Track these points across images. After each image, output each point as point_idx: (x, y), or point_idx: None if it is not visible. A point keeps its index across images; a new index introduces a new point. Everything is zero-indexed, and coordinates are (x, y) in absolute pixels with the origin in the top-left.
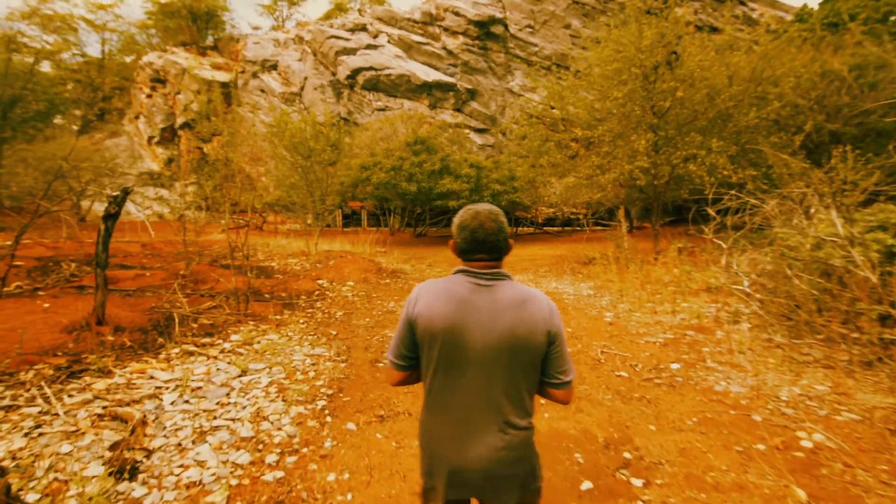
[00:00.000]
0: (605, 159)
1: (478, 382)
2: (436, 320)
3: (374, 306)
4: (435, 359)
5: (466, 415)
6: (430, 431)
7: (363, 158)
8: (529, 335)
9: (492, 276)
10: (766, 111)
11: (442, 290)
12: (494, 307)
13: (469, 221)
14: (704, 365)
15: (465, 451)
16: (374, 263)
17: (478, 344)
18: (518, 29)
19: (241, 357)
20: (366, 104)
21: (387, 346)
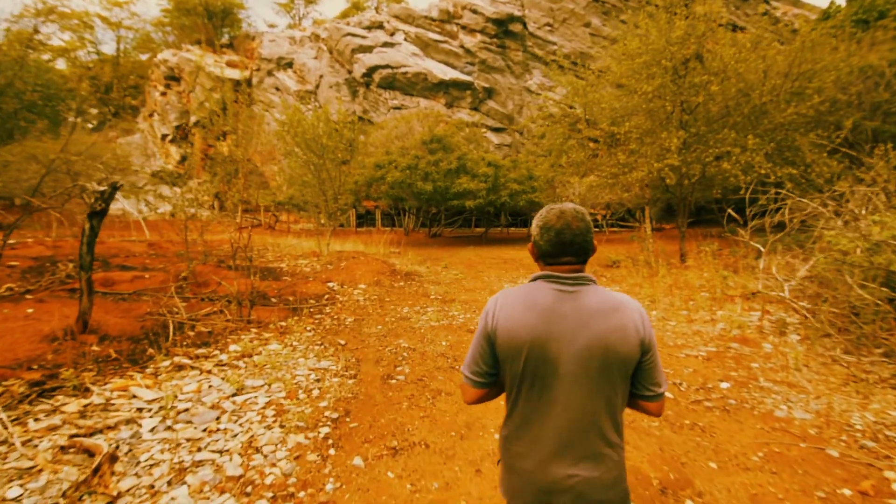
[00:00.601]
0: (631, 157)
1: (568, 397)
2: (518, 332)
3: (387, 312)
4: (519, 373)
5: (556, 432)
6: (515, 450)
7: (378, 157)
8: (621, 345)
9: (576, 280)
10: (805, 106)
11: (522, 298)
12: (581, 315)
13: (554, 221)
14: (757, 384)
15: (556, 471)
16: (388, 265)
17: (566, 356)
18: (537, 27)
19: (238, 372)
20: (381, 103)
21: (400, 357)
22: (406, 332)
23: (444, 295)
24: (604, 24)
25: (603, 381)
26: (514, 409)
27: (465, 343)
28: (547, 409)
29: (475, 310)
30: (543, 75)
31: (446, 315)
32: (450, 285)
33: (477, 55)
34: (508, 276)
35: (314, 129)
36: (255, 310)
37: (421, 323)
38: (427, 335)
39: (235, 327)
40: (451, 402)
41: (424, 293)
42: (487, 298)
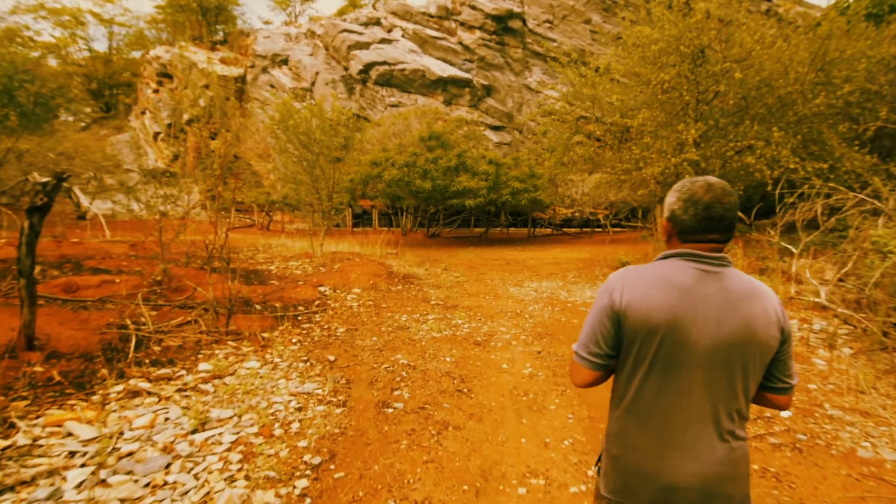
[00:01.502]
0: (646, 151)
1: (702, 385)
2: (656, 312)
3: (384, 320)
4: (649, 357)
5: (685, 423)
6: (631, 441)
7: (374, 154)
8: (765, 332)
9: (721, 261)
10: (834, 96)
11: (657, 276)
12: (726, 297)
13: (702, 194)
14: (823, 412)
15: (681, 466)
16: (385, 267)
17: (705, 341)
18: (536, 24)
19: (204, 399)
20: (378, 100)
21: (398, 378)
22: (405, 344)
23: (445, 300)
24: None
25: (741, 370)
26: (637, 397)
27: (472, 358)
28: (676, 397)
29: (480, 317)
30: (544, 72)
31: (449, 324)
32: (451, 289)
33: (476, 52)
34: (513, 279)
35: (307, 123)
36: (235, 318)
37: (421, 334)
38: (428, 349)
39: (210, 340)
40: (461, 440)
41: (424, 298)
42: (493, 304)
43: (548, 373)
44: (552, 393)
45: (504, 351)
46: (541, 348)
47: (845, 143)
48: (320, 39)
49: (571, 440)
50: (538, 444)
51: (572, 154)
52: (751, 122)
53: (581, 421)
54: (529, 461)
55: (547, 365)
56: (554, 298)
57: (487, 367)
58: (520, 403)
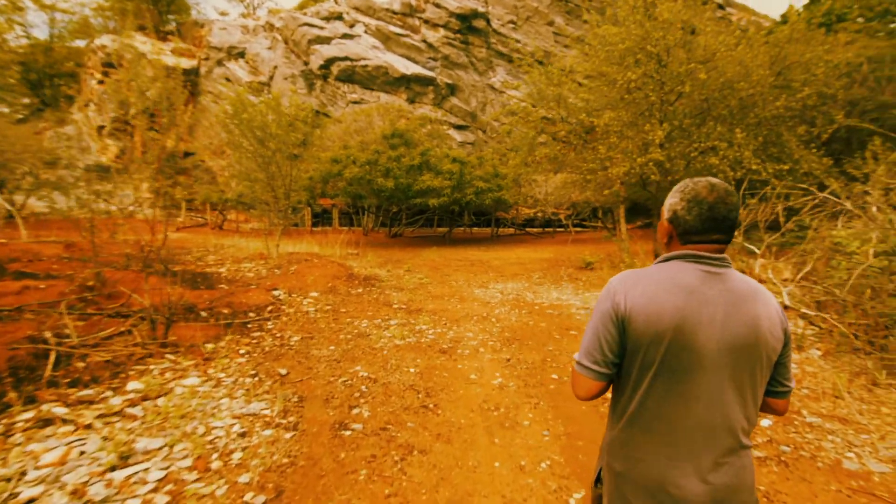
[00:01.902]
0: (612, 151)
1: (711, 392)
2: (662, 316)
3: (342, 327)
4: (655, 363)
5: (693, 431)
6: (636, 454)
7: (335, 151)
8: (771, 333)
9: (723, 261)
10: (796, 98)
11: (662, 278)
12: (730, 299)
13: (706, 195)
14: (802, 419)
15: (690, 477)
16: (345, 268)
17: (712, 344)
18: (500, 24)
19: (131, 425)
20: (340, 96)
21: (357, 393)
22: (365, 354)
23: (408, 303)
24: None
25: (749, 374)
26: (641, 406)
27: (438, 368)
28: (683, 405)
29: (445, 322)
30: (508, 73)
31: (413, 330)
32: (414, 291)
33: (440, 50)
34: (478, 280)
35: (262, 118)
36: (176, 328)
37: (383, 341)
38: (391, 358)
39: (145, 353)
40: (428, 467)
41: (386, 301)
42: (458, 307)
43: (519, 383)
44: (524, 406)
45: (472, 359)
46: (510, 355)
47: (802, 145)
48: (279, 33)
49: (549, 461)
50: (513, 467)
51: (537, 154)
52: (714, 123)
53: (557, 438)
54: (505, 490)
55: (517, 374)
56: (520, 300)
57: (454, 378)
58: (491, 420)
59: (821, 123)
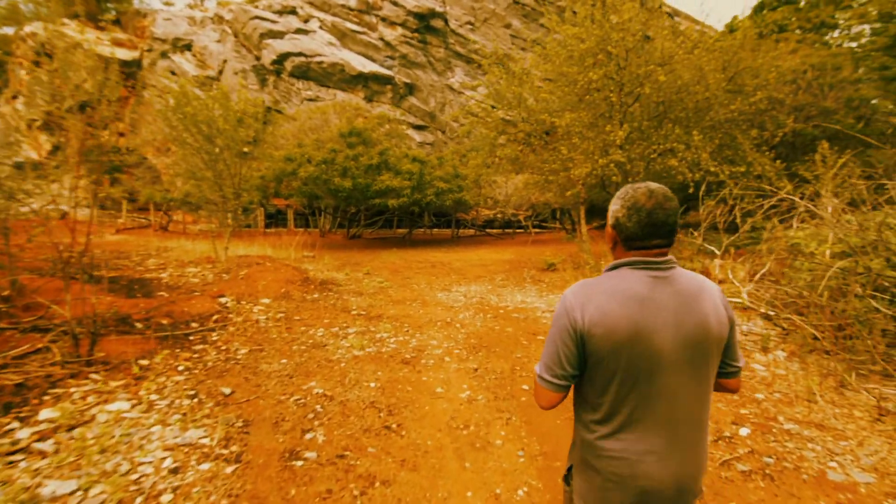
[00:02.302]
0: (573, 152)
1: (672, 390)
2: (619, 328)
3: (296, 336)
4: (619, 371)
5: (661, 429)
6: (609, 455)
7: (289, 150)
8: (718, 325)
9: (668, 264)
10: (750, 101)
11: (613, 290)
12: (680, 300)
13: (644, 201)
14: (780, 426)
15: (658, 469)
16: (300, 272)
17: (668, 346)
18: (458, 25)
19: (39, 464)
20: (294, 93)
21: (311, 414)
22: (320, 367)
23: (367, 309)
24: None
25: (703, 367)
26: (611, 410)
27: (401, 382)
28: (649, 405)
29: (408, 329)
30: (466, 73)
31: (373, 339)
32: (374, 296)
33: (398, 49)
34: (441, 283)
35: (208, 112)
36: (105, 343)
37: (340, 352)
38: (349, 371)
39: (66, 374)
40: (392, 501)
41: (344, 307)
42: (421, 312)
43: (488, 395)
44: (496, 422)
45: (437, 370)
46: (477, 364)
47: (755, 148)
48: (229, 25)
49: (526, 488)
50: (488, 496)
51: (498, 154)
52: (672, 125)
53: (533, 459)
54: None
55: (486, 386)
56: (484, 304)
57: (419, 392)
58: (460, 440)
59: (771, 127)
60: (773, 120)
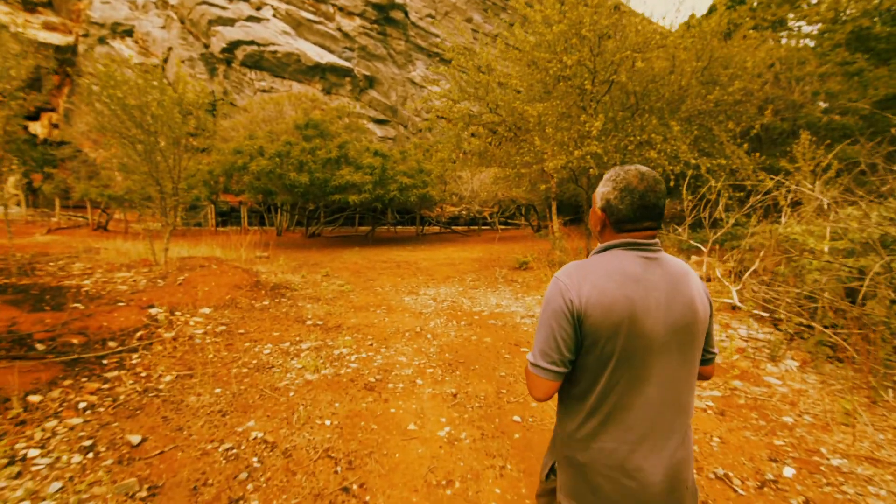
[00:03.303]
0: (547, 143)
1: (661, 374)
2: (617, 308)
3: (237, 356)
4: (613, 354)
5: (651, 414)
6: (599, 446)
7: (239, 142)
8: (703, 309)
9: (657, 246)
10: (728, 91)
11: (609, 269)
12: (670, 282)
13: (636, 183)
14: (828, 463)
15: (649, 458)
16: (250, 275)
17: (660, 327)
18: (419, 17)
19: None
20: (246, 83)
21: (245, 472)
22: (263, 399)
23: (325, 318)
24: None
25: (690, 350)
26: (603, 397)
27: (364, 415)
28: (638, 390)
29: (371, 342)
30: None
31: (330, 356)
32: (333, 302)
33: (356, 40)
34: (407, 285)
35: (141, 93)
36: None
37: (290, 376)
38: (299, 404)
39: None
40: None
41: (298, 316)
42: (386, 321)
43: (473, 432)
44: (486, 474)
45: (408, 397)
46: (456, 387)
47: (731, 140)
48: (174, 11)
49: None
50: None
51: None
52: (648, 115)
53: None
54: None
55: (469, 418)
56: (457, 309)
57: (387, 431)
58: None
59: (745, 120)
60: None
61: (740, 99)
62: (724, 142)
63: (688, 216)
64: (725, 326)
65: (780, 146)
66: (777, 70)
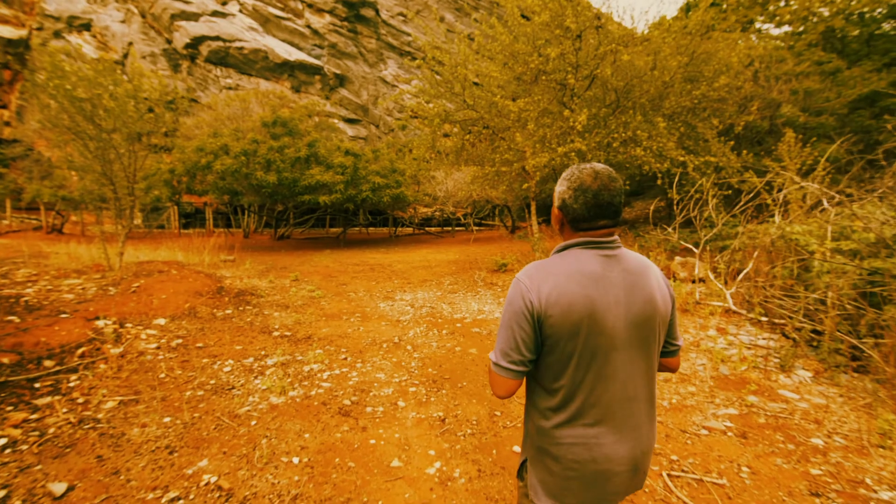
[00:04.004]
0: (528, 140)
1: (624, 369)
2: (576, 306)
3: (193, 375)
4: (575, 352)
5: (615, 408)
6: (568, 441)
7: (202, 139)
8: (663, 303)
9: (614, 244)
10: (714, 86)
11: (569, 269)
12: (629, 279)
13: (590, 182)
14: (877, 497)
15: (615, 449)
16: (213, 280)
17: (620, 323)
18: (390, 16)
19: None
20: (211, 80)
21: None
22: (220, 430)
23: (294, 329)
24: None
25: (652, 344)
26: (569, 395)
27: (339, 449)
28: (604, 386)
29: (346, 356)
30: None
31: (299, 374)
32: (303, 309)
33: (326, 38)
34: (382, 290)
35: (92, 85)
36: None
37: (252, 400)
38: (262, 435)
39: None
40: None
41: (263, 327)
42: (361, 331)
43: (469, 468)
44: None
45: (389, 422)
46: (443, 409)
47: (715, 138)
48: (135, 4)
49: None
50: None
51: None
52: (633, 112)
53: None
54: None
55: (462, 449)
56: (437, 316)
57: (367, 471)
58: None
59: (727, 118)
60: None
61: (724, 96)
62: (710, 139)
63: (677, 215)
64: (722, 332)
65: (759, 145)
66: (756, 68)
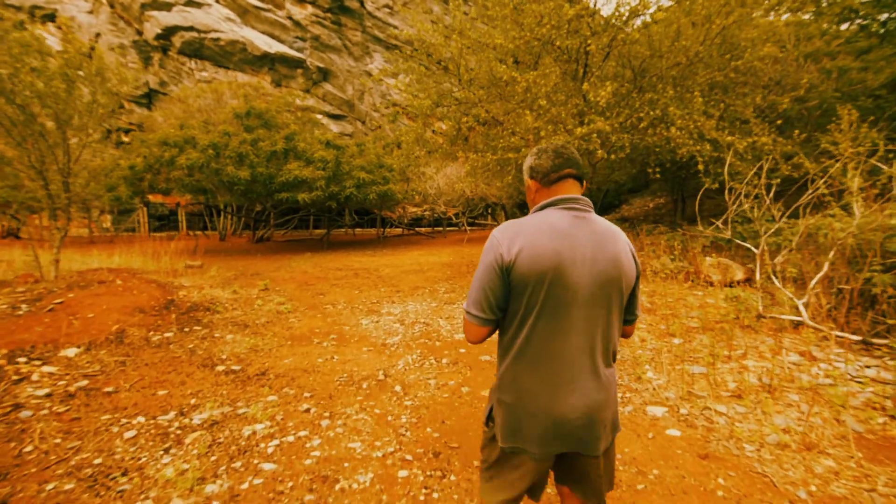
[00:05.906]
0: (541, 121)
1: (583, 324)
2: (543, 259)
3: (77, 445)
4: (539, 302)
5: (571, 360)
6: (523, 385)
7: (165, 131)
8: (629, 268)
9: (586, 205)
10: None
11: (540, 224)
12: (596, 239)
13: (548, 146)
14: None
15: (569, 399)
16: (165, 291)
17: (584, 280)
18: (376, 7)
19: None
20: (186, 73)
21: None
22: None
23: (246, 359)
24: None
25: (613, 303)
26: (527, 342)
27: None
28: (562, 337)
29: (309, 406)
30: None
31: (234, 443)
32: (265, 329)
33: (309, 30)
34: (366, 301)
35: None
36: None
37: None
38: None
39: None
40: None
41: (207, 357)
42: (334, 362)
43: None
44: None
45: None
46: None
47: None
48: None
49: None
50: None
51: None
52: (663, 86)
53: None
54: None
55: None
56: (433, 336)
57: None
58: None
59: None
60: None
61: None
62: (751, 119)
63: (730, 208)
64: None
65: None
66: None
